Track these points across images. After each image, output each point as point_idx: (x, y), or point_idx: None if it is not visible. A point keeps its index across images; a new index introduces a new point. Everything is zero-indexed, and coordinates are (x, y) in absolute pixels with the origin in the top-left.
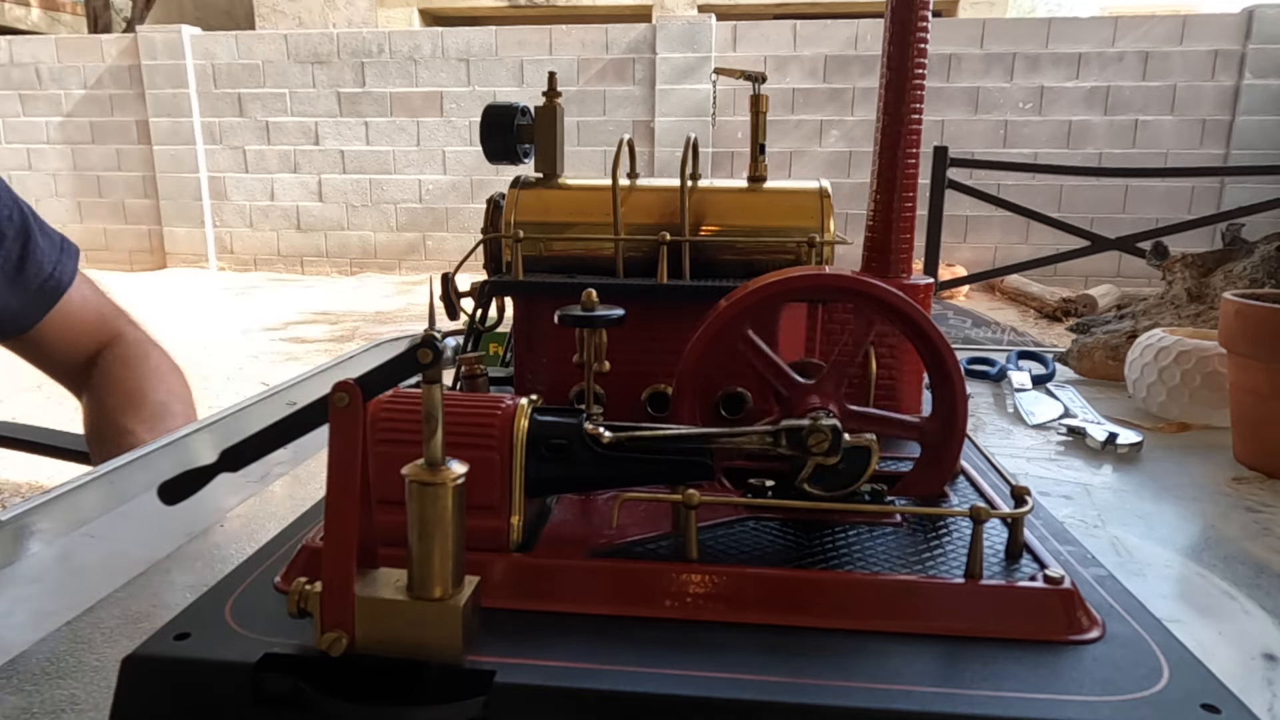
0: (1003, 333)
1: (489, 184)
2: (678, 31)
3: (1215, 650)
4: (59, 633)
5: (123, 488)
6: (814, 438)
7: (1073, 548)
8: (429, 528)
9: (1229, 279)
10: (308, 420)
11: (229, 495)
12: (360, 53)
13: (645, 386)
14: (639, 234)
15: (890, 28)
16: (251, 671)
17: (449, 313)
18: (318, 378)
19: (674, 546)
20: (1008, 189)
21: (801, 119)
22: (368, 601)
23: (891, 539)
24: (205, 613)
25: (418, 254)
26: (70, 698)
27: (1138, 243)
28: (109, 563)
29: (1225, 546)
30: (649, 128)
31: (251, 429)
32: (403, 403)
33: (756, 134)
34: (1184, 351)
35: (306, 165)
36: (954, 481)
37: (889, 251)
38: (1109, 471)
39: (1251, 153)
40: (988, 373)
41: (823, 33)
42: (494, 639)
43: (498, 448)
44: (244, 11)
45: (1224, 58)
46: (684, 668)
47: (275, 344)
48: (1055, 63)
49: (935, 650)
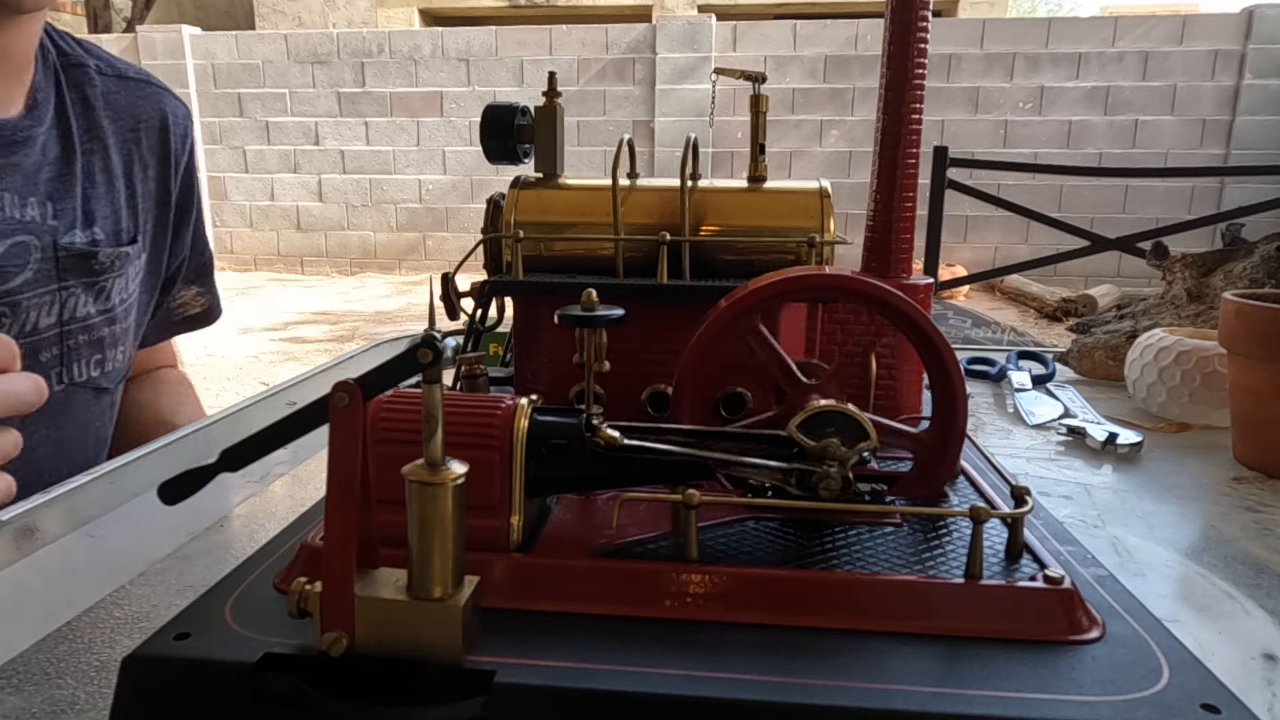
0: (1003, 333)
1: (489, 184)
2: (678, 31)
3: (1215, 650)
4: (59, 633)
5: (123, 488)
6: (825, 483)
7: (1073, 548)
8: (429, 528)
9: (1229, 279)
10: (308, 420)
11: (229, 495)
12: (360, 53)
13: (645, 386)
14: (639, 234)
15: (890, 28)
16: (251, 671)
17: (449, 313)
18: (318, 378)
19: (674, 546)
20: (1008, 189)
21: (801, 119)
22: (368, 601)
23: (891, 539)
24: (205, 613)
25: (418, 254)
26: (70, 698)
27: (1138, 243)
28: (109, 563)
29: (1225, 546)
30: (649, 128)
31: (251, 429)
32: (403, 403)
33: (756, 134)
34: (1184, 351)
35: (306, 165)
36: (954, 481)
37: (889, 251)
38: (1109, 471)
39: (1251, 153)
40: (988, 373)
41: (823, 33)
42: (494, 639)
43: (498, 448)
44: (244, 11)
45: (1224, 58)
46: (683, 668)
47: (275, 344)
48: (1055, 63)
49: (935, 650)
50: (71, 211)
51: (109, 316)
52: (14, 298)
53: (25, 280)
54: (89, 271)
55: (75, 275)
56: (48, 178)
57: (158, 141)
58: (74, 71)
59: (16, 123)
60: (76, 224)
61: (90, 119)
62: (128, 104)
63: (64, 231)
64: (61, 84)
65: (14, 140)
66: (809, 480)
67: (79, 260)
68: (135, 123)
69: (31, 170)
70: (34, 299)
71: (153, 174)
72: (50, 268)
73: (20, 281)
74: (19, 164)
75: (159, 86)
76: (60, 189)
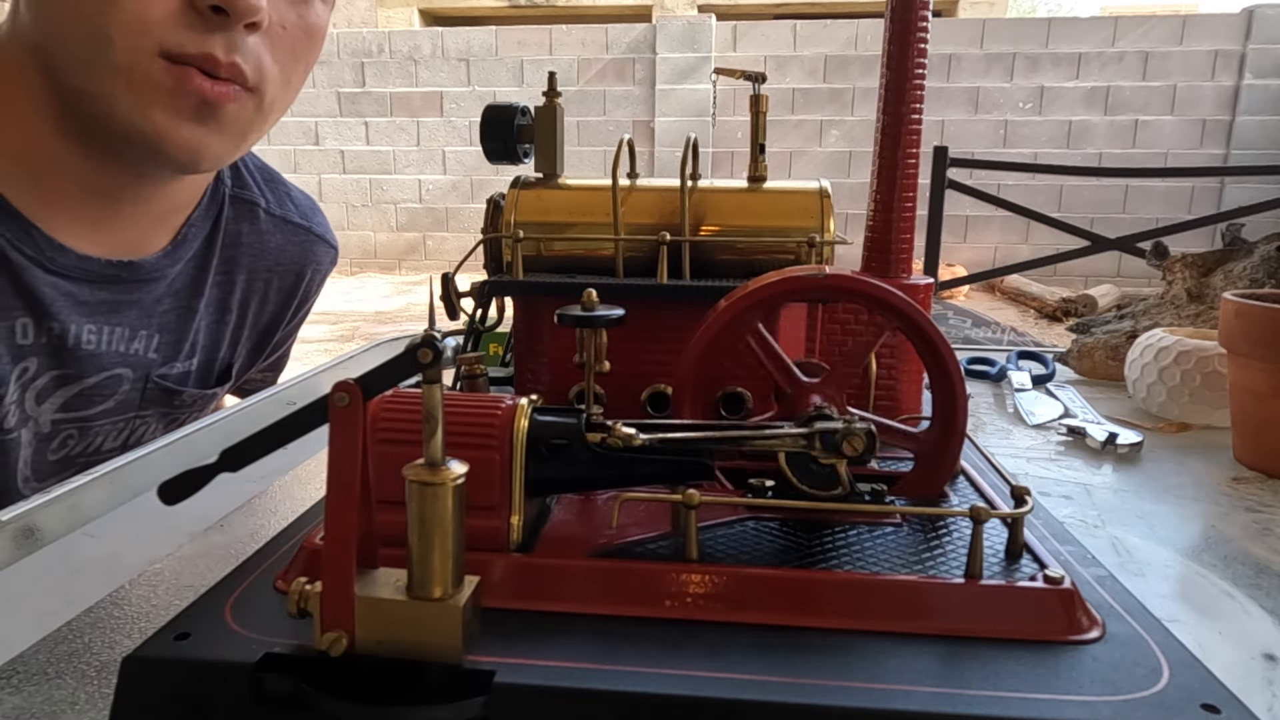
0: (1003, 333)
1: (489, 184)
2: (678, 31)
3: (1215, 650)
4: (59, 633)
5: (123, 488)
6: (849, 441)
7: (1073, 548)
8: (429, 528)
9: (1229, 279)
10: (308, 420)
11: (229, 495)
12: (360, 53)
13: (645, 386)
14: (639, 234)
15: (890, 28)
16: (251, 671)
17: (449, 313)
18: (318, 378)
19: (674, 546)
20: (1008, 189)
21: (801, 119)
22: (368, 601)
23: (891, 539)
24: (205, 613)
25: (418, 254)
26: (70, 698)
27: (1138, 243)
28: (109, 563)
29: (1225, 546)
30: (649, 128)
31: (251, 429)
32: (403, 403)
33: (756, 134)
34: (1184, 351)
35: (306, 165)
36: (954, 481)
37: (889, 251)
38: (1109, 471)
39: (1251, 153)
40: (988, 373)
41: (823, 33)
42: (494, 639)
43: (498, 448)
44: None
45: (1224, 58)
46: (684, 668)
47: None
48: (1055, 63)
49: (935, 650)
50: (178, 344)
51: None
52: (89, 424)
53: (105, 409)
54: (169, 405)
55: (155, 406)
56: (166, 309)
57: (291, 284)
58: (241, 207)
59: (153, 263)
60: (179, 355)
61: (233, 254)
62: (277, 247)
63: (162, 364)
64: (221, 218)
65: (141, 280)
66: (833, 440)
67: (164, 394)
68: (275, 264)
69: (150, 304)
70: (107, 425)
71: (271, 309)
72: (135, 398)
73: (100, 410)
74: (138, 301)
75: (318, 235)
76: (175, 321)
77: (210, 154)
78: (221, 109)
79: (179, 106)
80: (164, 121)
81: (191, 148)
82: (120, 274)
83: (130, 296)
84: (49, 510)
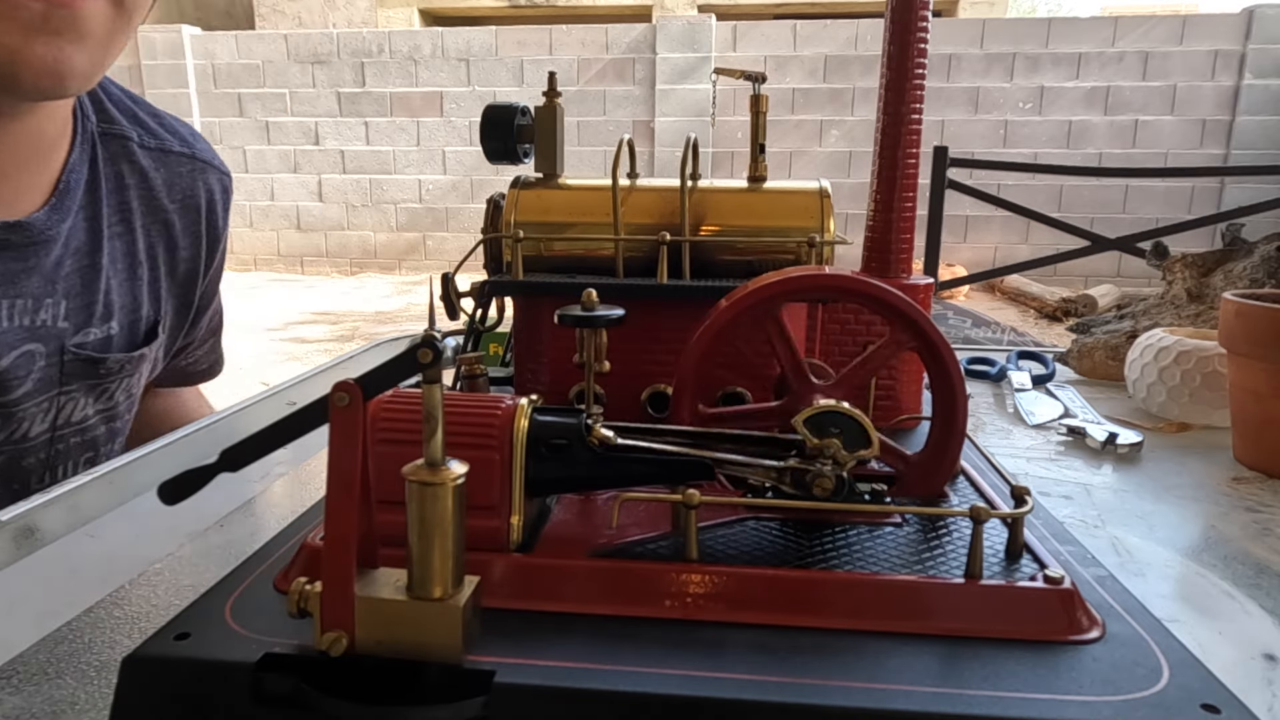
0: (1003, 333)
1: (489, 184)
2: (678, 31)
3: (1215, 650)
4: (59, 633)
5: (123, 488)
6: (819, 483)
7: (1073, 548)
8: (429, 528)
9: (1229, 279)
10: (308, 420)
11: (229, 495)
12: (360, 53)
13: (645, 386)
14: (639, 234)
15: (890, 28)
16: (251, 671)
17: (449, 313)
18: (318, 378)
19: (674, 546)
20: (1008, 189)
21: (801, 119)
22: (368, 601)
23: (891, 539)
24: (205, 613)
25: (418, 254)
26: (70, 698)
27: (1138, 243)
28: (109, 563)
29: (1225, 546)
30: (649, 128)
31: (251, 429)
32: (403, 403)
33: (756, 134)
34: (1184, 351)
35: (306, 165)
36: (954, 481)
37: (889, 251)
38: (1109, 471)
39: (1251, 153)
40: (988, 373)
41: (823, 33)
42: (494, 639)
43: (498, 448)
44: (244, 11)
45: (1224, 58)
46: (684, 668)
47: (275, 344)
48: (1055, 63)
49: (935, 650)
50: (89, 308)
51: (109, 414)
52: (10, 410)
53: (26, 392)
54: (94, 375)
55: (79, 379)
56: (69, 271)
57: (194, 222)
58: (113, 143)
59: (39, 221)
60: (93, 320)
61: (122, 198)
62: (165, 182)
63: (75, 332)
64: (97, 159)
65: (33, 242)
66: (803, 479)
67: (85, 365)
68: (170, 203)
69: (50, 269)
70: (31, 408)
71: (184, 255)
72: (54, 373)
73: (20, 394)
74: (36, 266)
75: (203, 160)
76: (80, 283)
77: (75, 70)
78: (77, 10)
79: (26, 19)
80: (13, 40)
81: (50, 65)
82: (9, 238)
83: (26, 264)
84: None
